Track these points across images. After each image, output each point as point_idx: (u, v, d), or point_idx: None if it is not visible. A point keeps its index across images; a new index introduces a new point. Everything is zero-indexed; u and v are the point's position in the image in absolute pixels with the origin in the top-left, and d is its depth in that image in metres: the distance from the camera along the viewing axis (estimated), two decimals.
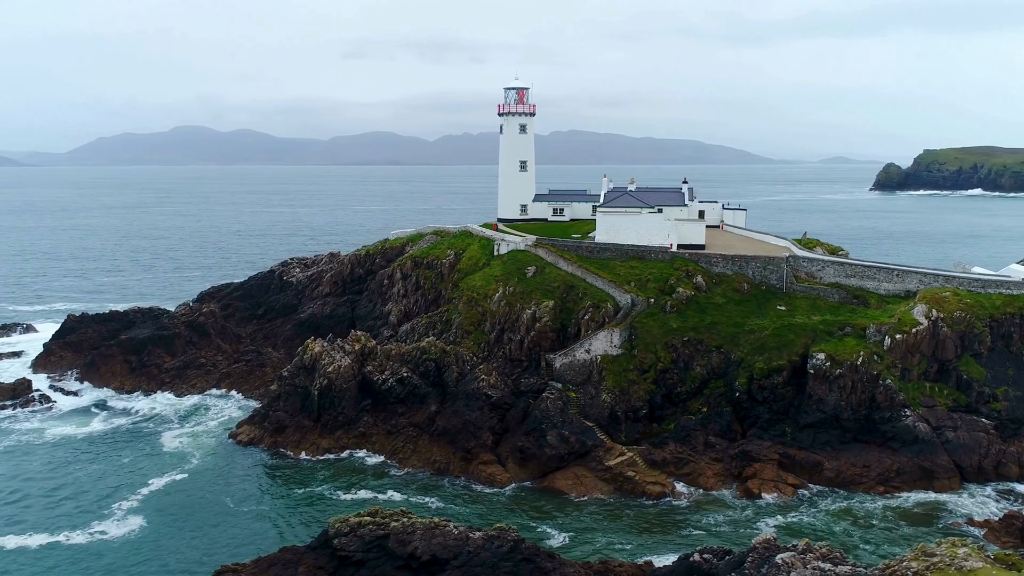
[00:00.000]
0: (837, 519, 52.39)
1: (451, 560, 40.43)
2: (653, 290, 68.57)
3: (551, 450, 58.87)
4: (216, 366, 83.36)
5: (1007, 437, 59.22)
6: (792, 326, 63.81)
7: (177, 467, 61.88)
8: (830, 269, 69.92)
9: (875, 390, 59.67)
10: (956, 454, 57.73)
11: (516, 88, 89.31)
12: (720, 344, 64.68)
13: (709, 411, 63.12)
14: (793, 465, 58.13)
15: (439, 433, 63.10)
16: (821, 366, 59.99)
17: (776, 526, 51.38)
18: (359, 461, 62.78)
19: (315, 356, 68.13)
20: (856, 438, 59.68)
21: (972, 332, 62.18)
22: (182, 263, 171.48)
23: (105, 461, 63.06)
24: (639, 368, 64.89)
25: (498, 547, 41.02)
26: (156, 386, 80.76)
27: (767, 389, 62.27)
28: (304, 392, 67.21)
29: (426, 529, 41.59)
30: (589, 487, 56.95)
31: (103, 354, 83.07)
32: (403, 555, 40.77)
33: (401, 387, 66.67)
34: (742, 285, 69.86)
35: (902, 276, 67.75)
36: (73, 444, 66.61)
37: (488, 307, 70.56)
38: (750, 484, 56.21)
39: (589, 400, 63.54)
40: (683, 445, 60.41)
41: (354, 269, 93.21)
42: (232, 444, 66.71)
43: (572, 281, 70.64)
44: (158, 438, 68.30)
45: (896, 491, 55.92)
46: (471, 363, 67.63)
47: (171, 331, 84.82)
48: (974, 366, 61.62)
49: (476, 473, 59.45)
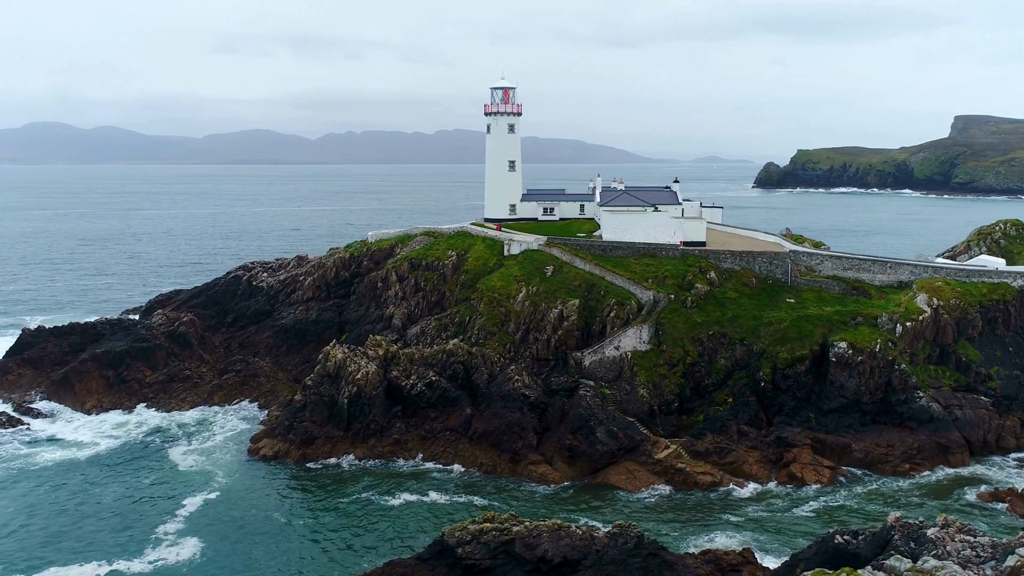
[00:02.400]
0: (883, 497, 56.05)
1: (582, 561, 40.54)
2: (672, 286, 70.61)
3: (602, 446, 59.67)
4: (202, 378, 78.82)
5: (1002, 412, 65.14)
6: (809, 317, 67.45)
7: (205, 486, 58.36)
8: (828, 263, 74.31)
9: (891, 374, 64.11)
10: (965, 430, 62.97)
11: (502, 88, 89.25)
12: (743, 337, 67.51)
13: (735, 401, 65.77)
14: (824, 449, 61.55)
15: (479, 436, 62.58)
16: (843, 354, 63.81)
17: (835, 507, 54.44)
18: (399, 468, 61.32)
19: (339, 363, 65.86)
20: (875, 420, 63.92)
21: (966, 318, 67.93)
22: (82, 268, 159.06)
23: (124, 484, 58.58)
24: (668, 362, 66.73)
25: (623, 544, 41.47)
26: (138, 402, 75.45)
27: (791, 378, 65.57)
28: (331, 401, 64.84)
29: (551, 531, 41.44)
30: (642, 481, 58.15)
31: (77, 369, 76.68)
32: (532, 559, 40.48)
33: (431, 391, 65.57)
34: (750, 280, 73.08)
35: (895, 268, 73.00)
36: (78, 468, 61.40)
37: (511, 307, 70.42)
38: (792, 469, 59.10)
39: (625, 396, 64.74)
40: (720, 435, 62.67)
41: (339, 272, 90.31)
42: (252, 459, 63.50)
43: (591, 279, 71.64)
44: (168, 456, 64.09)
45: (919, 468, 60.38)
46: (499, 364, 67.37)
47: (151, 342, 79.32)
48: (970, 349, 67.36)
49: (526, 474, 59.44)
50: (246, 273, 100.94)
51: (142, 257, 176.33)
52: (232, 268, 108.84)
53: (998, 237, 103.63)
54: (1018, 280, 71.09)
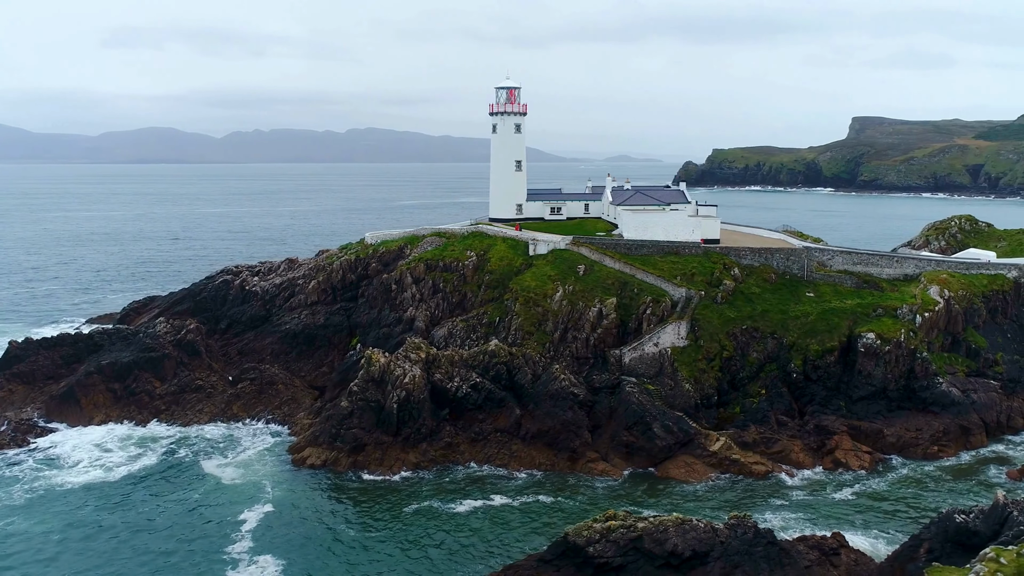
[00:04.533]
0: (927, 479, 59.44)
1: (709, 553, 41.49)
2: (701, 283, 72.53)
3: (660, 441, 60.84)
4: (215, 388, 75.54)
5: (1009, 394, 70.10)
6: (834, 310, 70.65)
7: (256, 500, 56.12)
8: (839, 258, 77.97)
9: (913, 363, 67.94)
10: (981, 412, 67.43)
11: (507, 88, 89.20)
12: (773, 330, 70.06)
13: (768, 393, 68.24)
14: (859, 435, 64.69)
15: (532, 436, 62.65)
16: (872, 344, 67.21)
17: (886, 490, 57.39)
18: (454, 472, 60.67)
19: (383, 368, 64.55)
20: (900, 406, 67.61)
21: (973, 308, 72.74)
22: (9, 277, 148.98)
23: (171, 502, 55.65)
24: (706, 357, 68.55)
25: (743, 535, 42.67)
26: (150, 415, 71.70)
27: (821, 368, 68.55)
28: (377, 406, 63.47)
29: (676, 525, 42.20)
30: (701, 473, 59.66)
31: (83, 383, 72.08)
32: (662, 554, 41.15)
33: (476, 393, 65.13)
34: (769, 275, 75.85)
35: (900, 262, 77.33)
36: (114, 488, 57.83)
37: (548, 307, 70.70)
38: (837, 455, 61.87)
39: (669, 391, 66.14)
40: (762, 426, 64.91)
41: (345, 275, 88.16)
42: (297, 468, 61.49)
43: (623, 278, 72.72)
44: (205, 470, 61.29)
45: (946, 450, 64.26)
46: (542, 364, 67.55)
47: (158, 352, 75.36)
48: (978, 337, 72.15)
49: (586, 471, 59.96)
50: (235, 278, 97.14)
51: (77, 263, 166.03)
52: (215, 272, 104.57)
53: (954, 232, 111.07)
54: (1013, 271, 76.59)
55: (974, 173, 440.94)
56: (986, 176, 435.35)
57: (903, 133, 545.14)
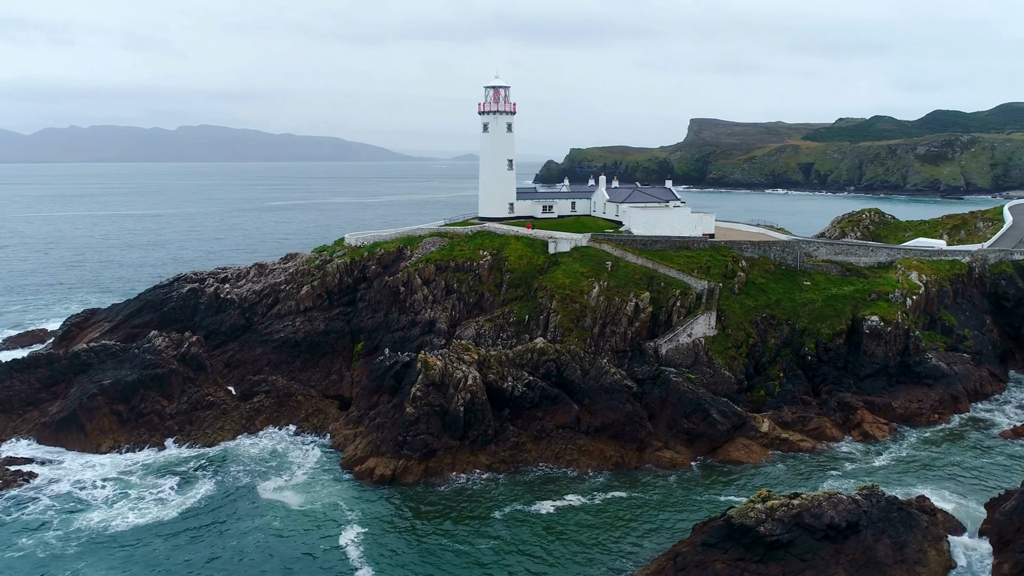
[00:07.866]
0: (940, 441, 66.50)
1: (858, 522, 44.75)
2: (717, 275, 76.53)
3: (720, 426, 63.88)
4: (227, 403, 70.48)
5: (977, 365, 79.54)
6: (837, 296, 76.96)
7: (336, 520, 53.07)
8: (823, 249, 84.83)
9: (908, 341, 75.49)
10: (964, 382, 76.08)
11: (495, 87, 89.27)
12: (787, 317, 75.29)
13: (785, 376, 73.39)
14: (874, 409, 71.13)
15: (595, 430, 63.76)
16: (876, 326, 73.98)
17: (916, 454, 63.71)
18: (526, 472, 60.59)
19: (442, 371, 63.19)
20: (898, 381, 74.89)
21: (943, 290, 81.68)
22: None
23: (255, 531, 51.65)
24: (735, 344, 72.57)
25: (877, 503, 46.37)
26: (163, 436, 65.96)
27: (831, 350, 74.55)
28: (441, 410, 62.07)
29: (828, 499, 45.13)
30: (759, 453, 63.37)
31: (86, 407, 64.80)
32: (821, 527, 43.92)
33: (532, 392, 65.31)
34: (768, 267, 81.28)
35: (875, 251, 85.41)
36: (176, 523, 52.71)
37: (586, 303, 71.89)
38: (865, 427, 67.80)
39: (710, 378, 69.47)
40: (793, 407, 69.79)
41: (342, 279, 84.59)
42: (360, 481, 59.00)
43: (649, 272, 75.29)
44: (262, 495, 57.07)
45: (943, 417, 72.07)
46: (588, 359, 68.71)
47: (164, 368, 69.08)
48: (949, 316, 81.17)
49: (655, 460, 61.90)
50: (202, 285, 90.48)
51: None
52: (168, 278, 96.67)
53: (867, 224, 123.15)
54: (966, 257, 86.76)
55: (806, 171, 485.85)
56: (816, 173, 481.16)
57: (740, 134, 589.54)
